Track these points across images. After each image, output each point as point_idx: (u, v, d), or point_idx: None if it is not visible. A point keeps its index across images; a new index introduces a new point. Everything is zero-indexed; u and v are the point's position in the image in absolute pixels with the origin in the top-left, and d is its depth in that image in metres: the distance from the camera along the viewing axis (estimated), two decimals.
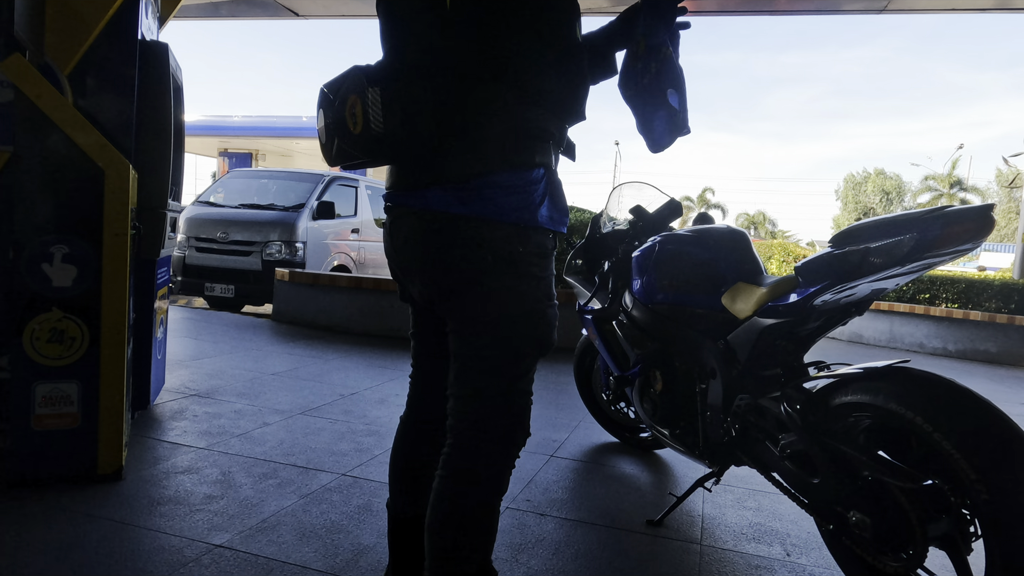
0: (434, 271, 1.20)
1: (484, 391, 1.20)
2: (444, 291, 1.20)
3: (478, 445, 1.19)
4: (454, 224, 1.15)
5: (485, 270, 1.15)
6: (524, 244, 1.17)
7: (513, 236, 1.16)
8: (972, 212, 1.31)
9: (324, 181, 7.15)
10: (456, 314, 1.21)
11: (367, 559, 1.69)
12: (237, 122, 16.27)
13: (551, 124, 1.21)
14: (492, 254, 1.15)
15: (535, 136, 1.18)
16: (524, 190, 1.16)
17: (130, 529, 1.74)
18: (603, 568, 1.74)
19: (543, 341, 1.22)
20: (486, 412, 1.20)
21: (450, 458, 1.21)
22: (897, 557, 1.40)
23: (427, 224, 1.18)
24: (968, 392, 1.31)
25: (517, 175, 1.16)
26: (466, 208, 1.14)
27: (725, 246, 1.99)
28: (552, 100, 1.20)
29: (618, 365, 2.39)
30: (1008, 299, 7.23)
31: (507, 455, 1.21)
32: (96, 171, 1.95)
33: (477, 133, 1.15)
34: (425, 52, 1.17)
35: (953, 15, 18.22)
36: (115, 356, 2.01)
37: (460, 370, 1.22)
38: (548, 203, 1.20)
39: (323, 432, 2.71)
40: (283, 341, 4.80)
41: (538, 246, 1.19)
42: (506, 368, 1.20)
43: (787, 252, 9.61)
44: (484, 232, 1.14)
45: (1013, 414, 1.29)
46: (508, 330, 1.18)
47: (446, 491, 1.19)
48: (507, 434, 1.21)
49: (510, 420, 1.21)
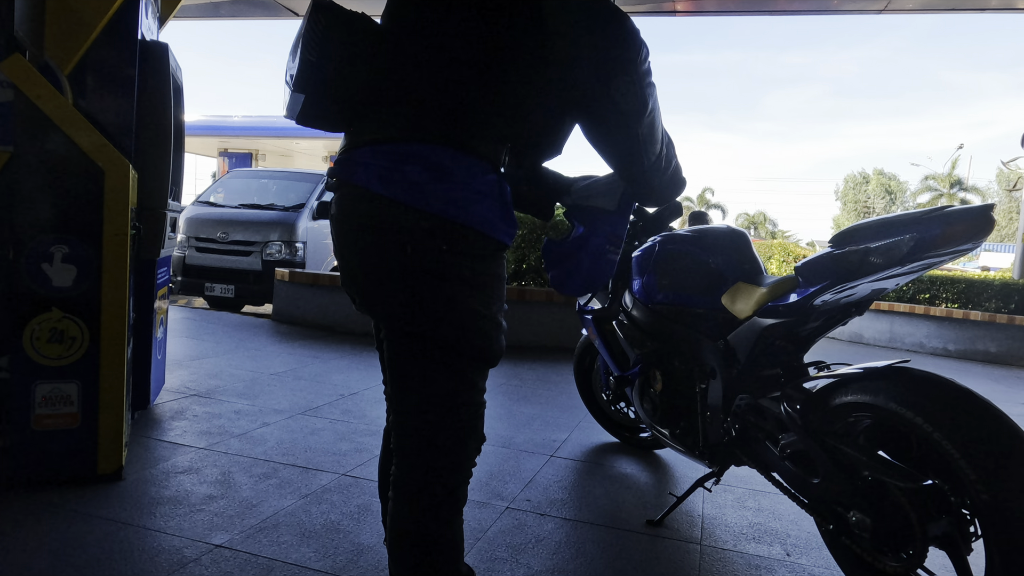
0: (352, 262, 1.09)
1: (424, 407, 1.09)
2: (361, 290, 1.10)
3: (426, 461, 1.10)
4: (372, 204, 1.03)
5: (404, 266, 1.03)
6: (448, 241, 1.03)
7: (436, 230, 1.01)
8: (972, 212, 1.31)
9: (324, 181, 7.14)
10: (380, 318, 1.11)
11: (367, 559, 1.69)
12: (237, 122, 16.27)
13: (518, 131, 1.09)
14: (412, 246, 1.02)
15: (487, 128, 1.06)
16: (457, 179, 1.03)
17: (130, 529, 1.74)
18: (603, 568, 1.74)
19: (481, 354, 1.10)
20: (430, 430, 1.10)
21: (397, 478, 1.12)
22: (897, 557, 1.40)
23: (348, 204, 1.07)
24: (968, 392, 1.31)
25: (452, 156, 1.03)
26: (385, 188, 1.01)
27: (725, 246, 1.99)
28: (524, 109, 1.09)
29: (618, 365, 2.39)
30: (1008, 299, 7.22)
31: (459, 467, 1.12)
32: (96, 171, 1.95)
33: (425, 100, 1.04)
34: (401, 22, 1.09)
35: (953, 15, 18.19)
36: (115, 356, 2.01)
37: (396, 383, 1.12)
38: (489, 204, 1.06)
39: (323, 432, 2.71)
40: (283, 341, 4.80)
41: (468, 246, 1.05)
42: (445, 379, 1.09)
43: (787, 252, 9.61)
44: (402, 220, 1.01)
45: (1013, 414, 1.29)
46: (436, 338, 1.06)
47: (398, 513, 1.11)
48: (456, 447, 1.11)
49: (457, 433, 1.11)
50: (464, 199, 1.03)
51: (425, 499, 1.10)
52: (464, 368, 1.10)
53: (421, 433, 1.11)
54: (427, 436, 1.10)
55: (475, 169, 1.05)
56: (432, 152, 1.03)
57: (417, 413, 1.11)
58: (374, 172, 1.03)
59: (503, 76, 1.06)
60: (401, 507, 1.11)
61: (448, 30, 1.06)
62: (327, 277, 5.59)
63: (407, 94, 1.06)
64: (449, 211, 1.02)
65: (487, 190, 1.06)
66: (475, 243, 1.06)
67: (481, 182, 1.05)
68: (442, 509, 1.11)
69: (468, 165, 1.04)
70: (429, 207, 1.01)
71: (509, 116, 1.08)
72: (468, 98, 1.05)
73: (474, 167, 1.05)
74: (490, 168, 1.07)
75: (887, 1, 4.99)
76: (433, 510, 1.11)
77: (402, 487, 1.12)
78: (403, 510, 1.11)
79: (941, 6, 5.35)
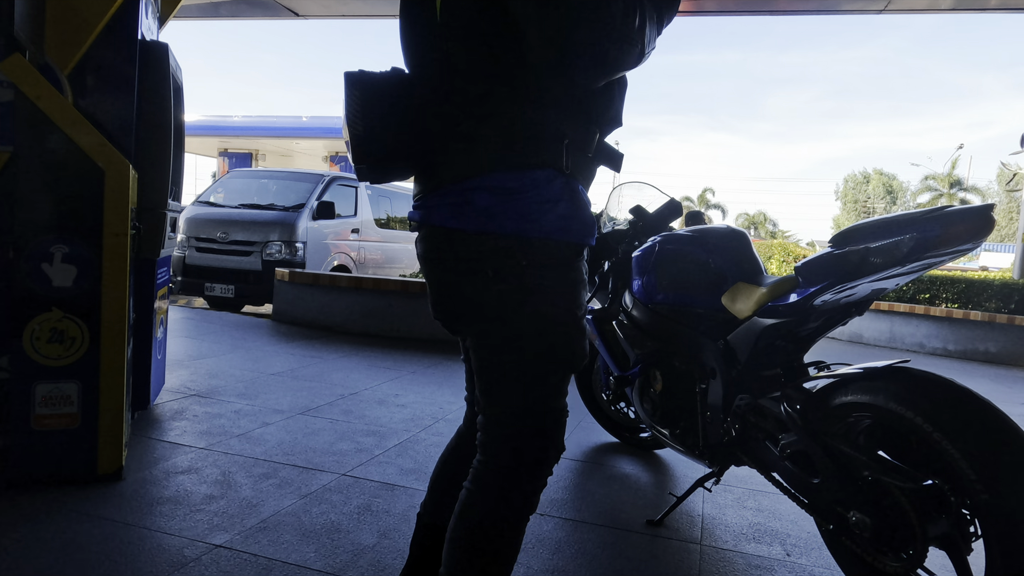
0: (439, 292, 1.16)
1: (511, 411, 1.14)
2: (450, 314, 1.16)
3: (509, 464, 1.14)
4: (450, 240, 1.10)
5: (488, 288, 1.08)
6: (527, 256, 1.07)
7: (514, 248, 1.06)
8: (972, 212, 1.31)
9: (324, 181, 7.15)
10: (468, 334, 1.16)
11: (367, 559, 1.69)
12: (237, 122, 16.28)
13: (564, 125, 1.10)
14: (492, 269, 1.07)
15: (538, 136, 1.08)
16: (524, 194, 1.07)
17: (130, 529, 1.74)
18: (603, 568, 1.74)
19: (567, 359, 1.14)
20: (516, 432, 1.14)
21: (479, 474, 1.16)
22: (897, 557, 1.40)
23: (429, 242, 1.14)
24: (968, 392, 1.31)
25: (514, 176, 1.07)
26: (459, 222, 1.07)
27: (725, 246, 1.99)
28: (562, 100, 1.10)
29: (618, 365, 2.39)
30: (1008, 299, 7.22)
31: (538, 476, 1.16)
32: (96, 171, 1.95)
33: (469, 134, 1.09)
34: (418, 62, 1.15)
35: (953, 15, 18.18)
36: (115, 356, 2.01)
37: (487, 392, 1.16)
38: (562, 209, 1.09)
39: (323, 432, 2.71)
40: (283, 341, 4.80)
41: (547, 257, 1.09)
42: (531, 387, 1.13)
43: (787, 252, 9.62)
44: (480, 247, 1.07)
45: (1013, 414, 1.29)
46: (524, 349, 1.11)
47: (473, 505, 1.14)
48: (539, 454, 1.15)
49: (542, 440, 1.15)
50: (536, 211, 1.06)
51: (503, 501, 1.14)
52: (549, 375, 1.13)
53: (508, 439, 1.14)
54: (513, 443, 1.14)
55: (539, 179, 1.07)
56: (493, 179, 1.07)
57: (505, 421, 1.14)
58: (447, 210, 1.09)
59: (513, 80, 1.07)
60: (476, 499, 1.15)
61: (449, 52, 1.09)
62: (327, 277, 5.59)
63: (453, 133, 1.10)
64: (524, 227, 1.06)
65: (557, 196, 1.08)
66: (553, 253, 1.09)
67: (548, 190, 1.08)
68: (516, 513, 1.15)
69: (532, 178, 1.07)
70: (503, 229, 1.05)
71: (544, 111, 1.08)
72: (500, 119, 1.08)
73: (538, 178, 1.07)
74: (555, 173, 1.09)
75: (887, 1, 4.99)
76: (508, 512, 1.14)
77: (483, 482, 1.15)
78: (479, 504, 1.15)
79: (941, 6, 5.35)
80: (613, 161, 1.20)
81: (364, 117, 1.07)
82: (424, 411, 3.16)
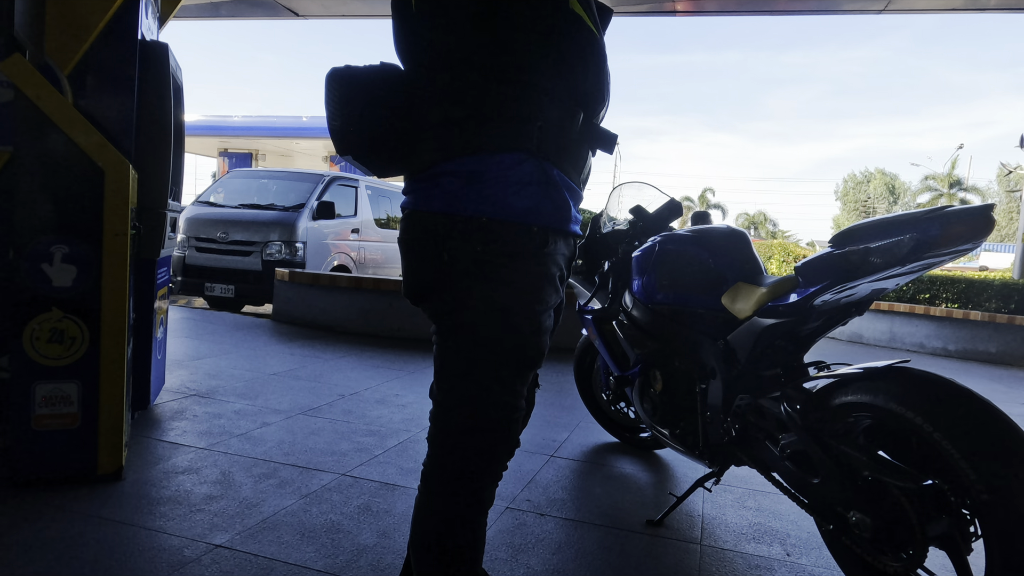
0: (405, 272, 1.16)
1: (457, 400, 1.11)
2: (415, 295, 1.15)
3: (453, 462, 1.11)
4: (417, 222, 1.10)
5: (444, 271, 1.07)
6: (486, 242, 1.04)
7: (472, 232, 1.04)
8: (972, 212, 1.31)
9: (324, 181, 7.15)
10: (429, 315, 1.16)
11: (367, 559, 1.69)
12: (237, 122, 16.28)
13: (536, 107, 1.06)
14: (449, 253, 1.05)
15: (506, 118, 1.05)
16: (489, 176, 1.04)
17: (130, 529, 1.74)
18: (603, 568, 1.74)
19: (517, 357, 1.10)
20: (459, 424, 1.11)
21: (426, 473, 1.14)
22: (897, 557, 1.40)
23: (402, 224, 1.15)
24: (968, 392, 1.31)
25: (480, 160, 1.04)
26: (424, 204, 1.08)
27: (725, 246, 1.99)
28: (536, 82, 1.06)
29: (618, 365, 2.39)
30: (1008, 299, 7.22)
31: (485, 473, 1.12)
32: (96, 171, 1.95)
33: (441, 120, 1.07)
34: (398, 51, 1.16)
35: (953, 15, 18.19)
36: (115, 356, 2.01)
37: (436, 376, 1.15)
38: (531, 192, 1.06)
39: (323, 432, 2.71)
40: (283, 341, 4.80)
41: (511, 244, 1.05)
42: (479, 379, 1.09)
43: (787, 252, 9.62)
44: (439, 229, 1.05)
45: (1013, 414, 1.29)
46: (474, 338, 1.08)
47: (422, 507, 1.13)
48: (485, 448, 1.11)
49: (488, 436, 1.11)
50: (500, 194, 1.04)
51: (450, 497, 1.11)
52: (499, 368, 1.10)
53: (453, 429, 1.12)
54: (458, 433, 1.11)
55: (505, 162, 1.05)
56: (459, 163, 1.06)
57: (450, 408, 1.12)
58: (420, 195, 1.10)
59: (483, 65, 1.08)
60: (427, 500, 1.13)
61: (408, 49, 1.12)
62: (327, 277, 5.59)
63: (427, 120, 1.10)
64: (485, 209, 1.04)
65: (526, 179, 1.06)
66: (516, 238, 1.06)
67: (516, 173, 1.05)
68: (466, 509, 1.12)
69: (498, 161, 1.05)
70: (464, 211, 1.04)
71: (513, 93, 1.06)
72: (467, 104, 1.07)
73: (504, 161, 1.05)
74: (524, 156, 1.06)
75: (887, 1, 4.99)
76: (457, 509, 1.11)
77: (429, 480, 1.13)
78: (429, 504, 1.13)
79: (941, 6, 5.35)
80: (606, 143, 1.17)
81: (342, 113, 1.08)
82: (424, 411, 3.16)
